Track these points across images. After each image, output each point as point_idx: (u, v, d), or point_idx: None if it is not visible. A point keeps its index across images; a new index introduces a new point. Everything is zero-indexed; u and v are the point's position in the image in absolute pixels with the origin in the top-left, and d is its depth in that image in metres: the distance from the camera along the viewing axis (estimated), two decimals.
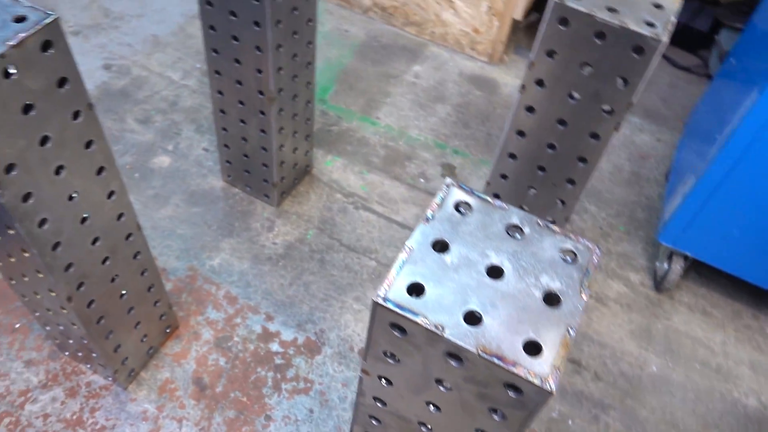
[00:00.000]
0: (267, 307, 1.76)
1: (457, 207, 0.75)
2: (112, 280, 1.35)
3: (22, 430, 1.49)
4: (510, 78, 2.54)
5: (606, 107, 1.19)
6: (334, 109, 2.34)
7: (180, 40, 2.52)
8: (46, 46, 0.94)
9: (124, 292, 1.40)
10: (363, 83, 2.45)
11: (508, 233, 0.73)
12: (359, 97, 2.40)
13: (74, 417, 1.52)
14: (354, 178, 2.11)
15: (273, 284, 1.81)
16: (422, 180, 2.13)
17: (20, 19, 0.93)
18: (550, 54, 1.15)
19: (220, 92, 1.75)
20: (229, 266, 1.84)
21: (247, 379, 1.62)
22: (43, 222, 1.09)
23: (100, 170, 1.17)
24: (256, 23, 1.49)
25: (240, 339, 1.69)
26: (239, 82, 1.67)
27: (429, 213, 0.74)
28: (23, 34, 0.90)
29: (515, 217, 0.74)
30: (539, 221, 0.74)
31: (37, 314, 1.47)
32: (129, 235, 1.34)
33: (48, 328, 1.52)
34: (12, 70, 0.91)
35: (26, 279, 1.26)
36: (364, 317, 1.75)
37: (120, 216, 1.28)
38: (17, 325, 1.66)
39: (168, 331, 1.67)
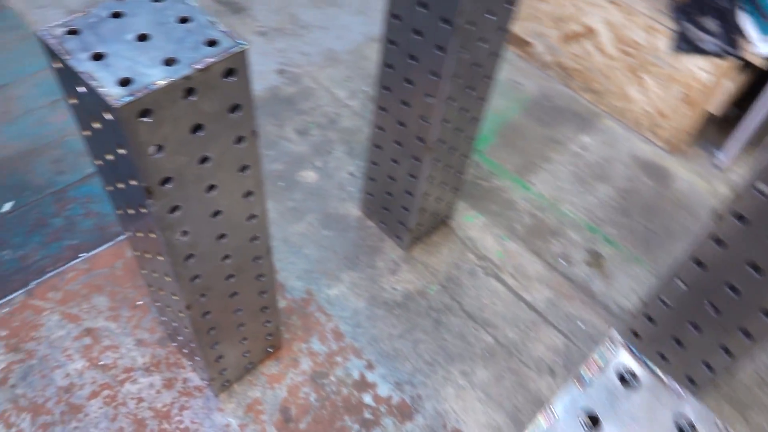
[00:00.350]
0: (371, 353, 1.69)
1: (621, 376, 0.63)
2: (232, 295, 1.34)
3: (116, 407, 1.53)
4: (687, 173, 2.30)
5: None
6: (488, 163, 2.24)
7: (354, 60, 2.55)
8: (229, 73, 0.94)
9: (239, 308, 1.40)
10: (524, 142, 2.33)
11: (680, 430, 0.59)
12: (517, 155, 2.28)
13: (164, 409, 1.54)
14: (492, 242, 1.99)
15: (382, 331, 1.74)
16: (563, 262, 1.97)
17: (212, 43, 0.92)
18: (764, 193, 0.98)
19: (380, 128, 1.72)
20: (345, 300, 1.80)
21: (332, 424, 1.56)
22: (184, 234, 1.09)
23: (248, 194, 1.16)
24: (434, 73, 1.44)
25: (336, 379, 1.63)
26: (402, 124, 1.63)
27: (585, 373, 0.62)
28: (211, 60, 0.90)
29: (689, 410, 0.60)
30: (719, 423, 0.60)
31: (158, 304, 1.51)
32: (258, 257, 1.33)
33: (164, 318, 1.56)
34: (190, 97, 0.91)
35: (155, 275, 1.29)
36: (466, 396, 1.63)
37: (255, 238, 1.27)
38: (139, 303, 1.72)
39: (270, 350, 1.65)
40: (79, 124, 1.05)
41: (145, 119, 0.88)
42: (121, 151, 0.93)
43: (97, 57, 0.89)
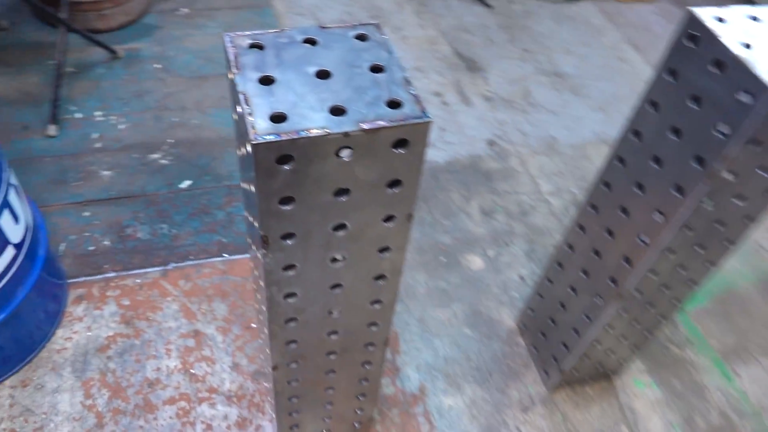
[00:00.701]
0: None
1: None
2: (327, 372, 1.17)
3: (184, 424, 1.43)
4: None
5: None
6: (689, 328, 1.82)
7: (574, 156, 2.28)
8: (400, 144, 0.76)
9: (332, 387, 1.22)
10: (745, 320, 1.87)
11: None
12: (730, 333, 1.83)
13: None
14: (659, 426, 1.59)
15: None
16: None
17: (394, 105, 0.76)
18: None
19: (570, 246, 1.44)
20: (458, 417, 1.53)
21: None
22: (290, 295, 0.94)
23: (380, 277, 0.98)
24: (660, 212, 1.14)
25: None
26: (597, 253, 1.34)
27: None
28: (383, 123, 0.73)
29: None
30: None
31: (261, 338, 1.39)
32: (370, 345, 1.14)
33: (261, 356, 1.43)
34: (344, 156, 0.75)
35: (260, 316, 1.16)
36: None
37: (373, 324, 1.08)
38: (253, 325, 1.63)
39: None
40: (236, 140, 0.95)
41: (283, 166, 0.73)
42: (252, 188, 0.80)
43: (266, 81, 0.77)
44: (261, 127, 0.71)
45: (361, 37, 0.85)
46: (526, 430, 1.54)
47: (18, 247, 1.33)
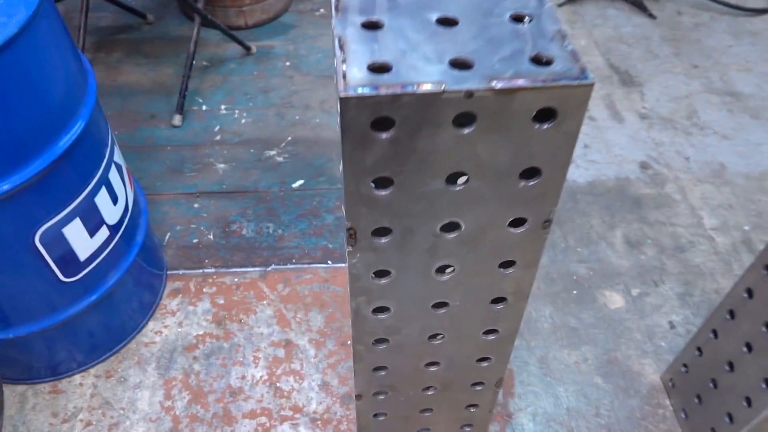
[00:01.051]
0: None
1: None
2: (422, 411, 0.96)
3: None
4: None
5: None
6: None
7: (748, 188, 1.90)
8: (545, 115, 0.55)
9: (426, 430, 1.01)
10: None
11: None
12: None
13: None
14: None
15: None
16: None
17: (541, 61, 0.54)
18: None
19: (748, 292, 1.13)
20: None
21: None
22: (381, 310, 0.75)
23: (500, 300, 0.76)
24: None
25: None
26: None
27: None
28: (522, 82, 0.52)
29: None
30: None
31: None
32: (479, 383, 0.91)
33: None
34: (465, 129, 0.55)
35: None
36: None
37: (484, 359, 0.86)
38: (349, 342, 1.46)
39: None
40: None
41: (380, 133, 0.55)
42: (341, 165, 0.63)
43: (371, 25, 0.59)
44: (354, 77, 0.53)
45: None
46: None
47: (113, 229, 1.26)
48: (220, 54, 2.25)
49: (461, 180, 0.61)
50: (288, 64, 2.23)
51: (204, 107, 2.04)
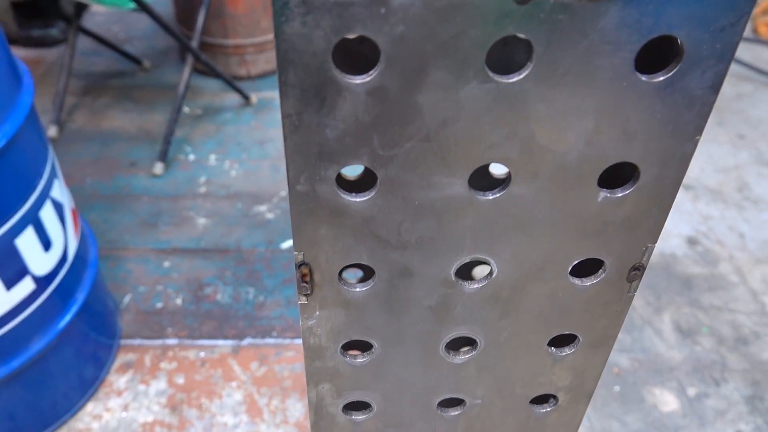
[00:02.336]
0: None
1: None
2: None
3: None
4: None
5: None
6: None
7: None
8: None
9: None
10: None
11: None
12: None
13: None
14: None
15: None
16: None
17: None
18: None
19: None
20: None
21: None
22: (358, 406, 0.47)
23: (544, 400, 0.48)
24: None
25: None
26: None
27: None
28: None
29: None
30: None
31: None
32: None
33: None
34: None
35: None
36: None
37: None
38: None
39: None
40: None
41: (353, 78, 0.30)
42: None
43: None
44: None
45: None
46: None
47: (43, 281, 1.00)
48: (217, 103, 2.07)
49: (500, 172, 0.35)
50: None
51: (191, 156, 1.82)
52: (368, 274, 0.39)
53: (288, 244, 1.55)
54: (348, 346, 0.43)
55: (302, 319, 0.41)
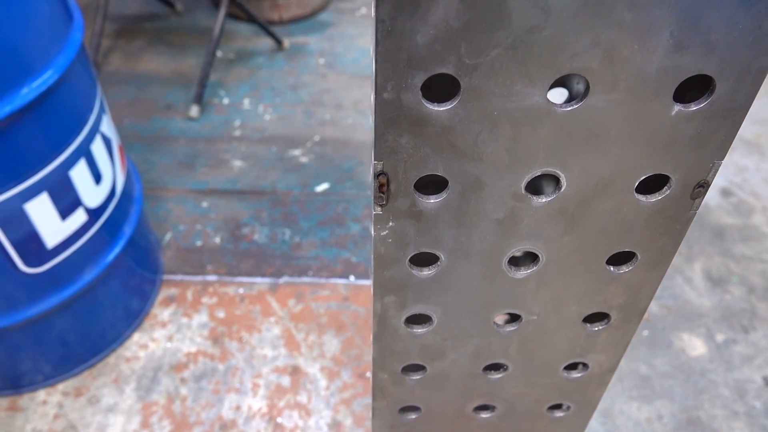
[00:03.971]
0: None
1: None
2: None
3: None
4: None
5: None
6: None
7: None
8: None
9: None
10: None
11: None
12: None
13: None
14: None
15: None
16: None
17: None
18: None
19: None
20: None
21: None
22: (420, 319, 0.50)
23: (599, 318, 0.50)
24: None
25: None
26: None
27: None
28: None
29: None
30: None
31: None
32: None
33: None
34: None
35: None
36: None
37: (558, 408, 0.60)
38: (368, 375, 1.20)
39: None
40: None
41: None
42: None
43: None
44: None
45: None
46: None
47: (94, 213, 1.04)
48: (250, 48, 2.07)
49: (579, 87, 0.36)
50: (322, 61, 2.02)
51: (226, 100, 1.84)
52: (441, 184, 0.40)
53: (323, 187, 1.57)
54: (415, 261, 0.45)
55: (375, 229, 0.43)
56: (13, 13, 0.82)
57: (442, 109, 0.35)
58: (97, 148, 1.02)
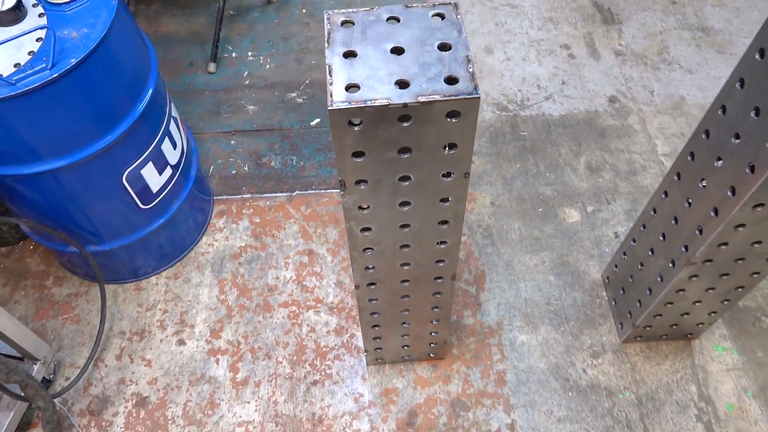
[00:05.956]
0: (521, 417, 1.58)
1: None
2: (402, 296, 1.37)
3: (293, 324, 1.73)
4: None
5: None
6: None
7: (700, 119, 2.21)
8: (452, 114, 0.91)
9: (407, 309, 1.43)
10: None
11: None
12: None
13: (324, 348, 1.70)
14: (730, 389, 1.63)
15: (545, 404, 1.60)
16: None
17: (451, 81, 0.90)
18: None
19: (654, 210, 1.50)
20: (529, 352, 1.69)
21: None
22: (365, 230, 1.14)
23: (443, 222, 1.15)
24: (732, 189, 1.18)
25: (473, 419, 1.58)
26: (675, 220, 1.39)
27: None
28: (437, 97, 0.88)
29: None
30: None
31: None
32: (439, 278, 1.32)
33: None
34: (406, 123, 0.91)
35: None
36: None
37: (440, 261, 1.26)
38: None
39: (431, 356, 1.67)
40: None
41: (354, 127, 0.92)
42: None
43: (349, 54, 0.95)
44: (337, 96, 0.89)
45: (440, 15, 0.98)
46: (592, 372, 1.66)
47: (175, 167, 1.66)
48: (245, 3, 2.56)
49: (407, 152, 0.98)
50: (304, 11, 2.53)
51: (234, 54, 2.38)
52: (364, 182, 1.03)
53: (316, 121, 2.17)
54: (360, 208, 1.09)
55: (342, 199, 1.06)
56: (138, 55, 1.40)
57: (360, 160, 0.97)
58: (172, 126, 1.63)
